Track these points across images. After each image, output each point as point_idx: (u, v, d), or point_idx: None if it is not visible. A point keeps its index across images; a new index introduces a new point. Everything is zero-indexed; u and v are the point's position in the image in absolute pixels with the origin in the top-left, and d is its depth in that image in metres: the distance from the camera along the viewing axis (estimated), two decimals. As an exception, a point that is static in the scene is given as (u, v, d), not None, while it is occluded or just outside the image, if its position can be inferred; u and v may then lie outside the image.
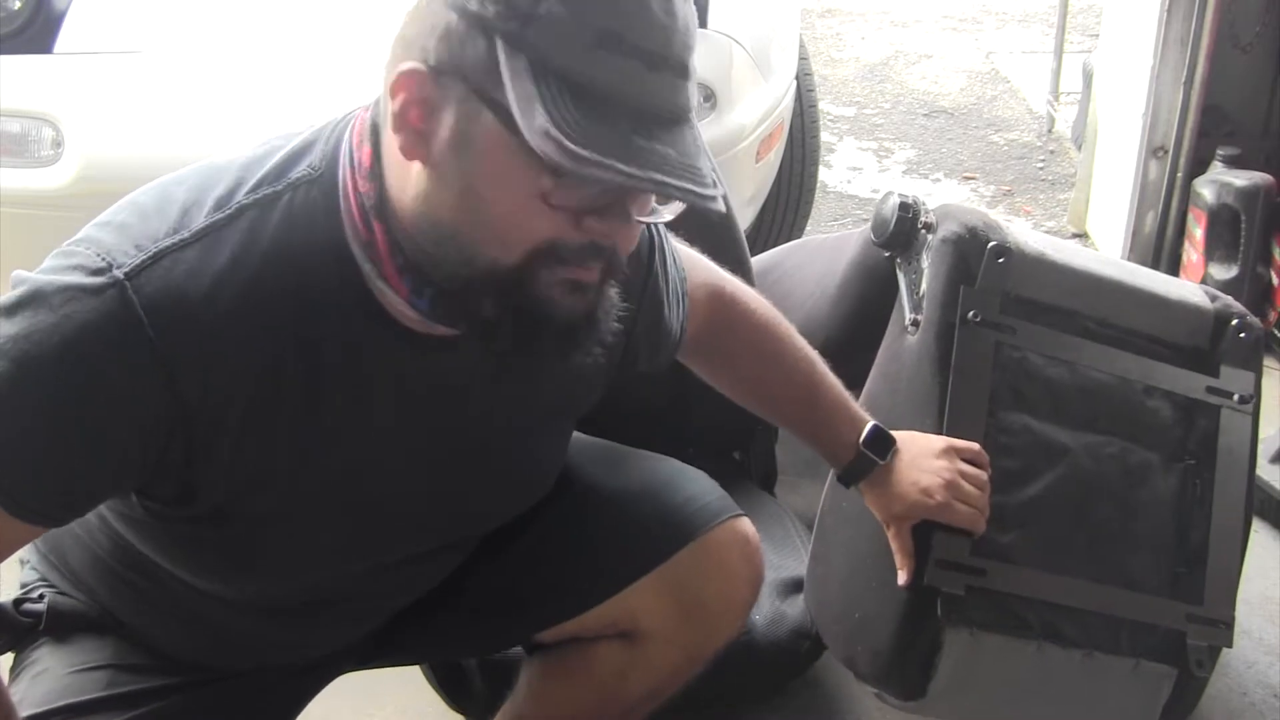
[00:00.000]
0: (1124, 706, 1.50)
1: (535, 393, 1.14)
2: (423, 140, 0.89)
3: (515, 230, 0.90)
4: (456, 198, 0.90)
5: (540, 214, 0.89)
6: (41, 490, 0.94)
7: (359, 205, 0.95)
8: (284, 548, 1.06)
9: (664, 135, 0.88)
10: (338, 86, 2.28)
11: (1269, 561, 2.09)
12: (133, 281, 0.90)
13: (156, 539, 1.07)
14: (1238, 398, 1.57)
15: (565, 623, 1.29)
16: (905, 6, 5.84)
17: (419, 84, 0.88)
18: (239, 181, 0.97)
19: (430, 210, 0.91)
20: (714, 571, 1.27)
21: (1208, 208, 2.66)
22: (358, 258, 0.96)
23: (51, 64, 2.30)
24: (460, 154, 0.88)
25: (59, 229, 0.97)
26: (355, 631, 1.26)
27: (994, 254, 1.45)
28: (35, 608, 1.18)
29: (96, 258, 0.91)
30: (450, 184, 0.90)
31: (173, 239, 0.93)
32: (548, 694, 1.35)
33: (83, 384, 0.90)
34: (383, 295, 0.97)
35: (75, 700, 1.12)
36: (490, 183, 0.89)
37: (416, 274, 0.94)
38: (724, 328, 1.32)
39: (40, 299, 0.90)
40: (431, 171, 0.90)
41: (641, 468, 1.33)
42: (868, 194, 3.82)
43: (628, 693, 1.32)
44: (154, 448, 0.94)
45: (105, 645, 1.17)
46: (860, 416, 1.34)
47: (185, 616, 1.16)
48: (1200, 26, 2.62)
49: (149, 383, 0.91)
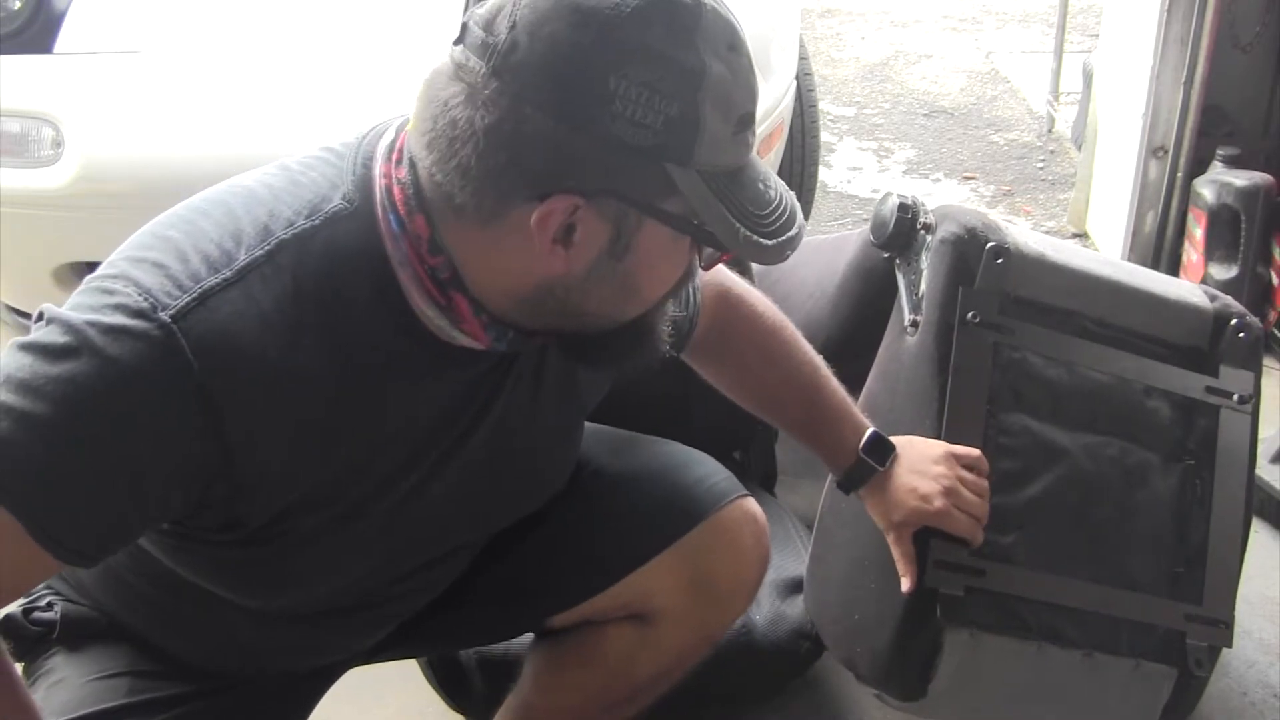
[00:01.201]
0: (1124, 707, 1.50)
1: (570, 398, 1.17)
2: (576, 252, 0.93)
3: (660, 293, 1.01)
4: (613, 291, 0.97)
5: (681, 270, 1.01)
6: (82, 531, 0.92)
7: (430, 277, 0.96)
8: (318, 564, 1.06)
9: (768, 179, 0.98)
10: (337, 86, 2.29)
11: (1269, 561, 2.09)
12: (179, 324, 0.88)
13: (184, 558, 1.06)
14: (1237, 398, 1.57)
15: (581, 604, 1.30)
16: (905, 6, 5.84)
17: (571, 210, 0.91)
18: (271, 214, 0.95)
19: (568, 299, 0.97)
20: (726, 550, 1.29)
21: (1208, 208, 2.66)
22: (414, 301, 0.97)
23: (51, 64, 2.30)
24: (619, 258, 0.95)
25: (59, 229, 0.97)
26: (374, 635, 1.26)
27: (993, 255, 1.45)
28: (46, 616, 1.17)
29: (139, 298, 0.89)
30: (606, 281, 0.96)
31: (215, 279, 0.91)
32: (556, 680, 1.35)
33: (128, 427, 0.88)
34: (448, 335, 0.99)
35: (100, 708, 1.11)
36: (650, 274, 0.98)
37: (501, 326, 1.00)
38: (730, 328, 1.32)
39: (82, 339, 0.87)
40: (579, 274, 0.95)
41: (650, 451, 1.35)
42: (868, 194, 3.82)
43: (637, 675, 1.33)
44: (197, 488, 0.93)
45: (120, 653, 1.17)
46: (861, 422, 1.35)
47: (201, 626, 1.16)
48: (1200, 26, 2.61)
49: (196, 426, 0.90)
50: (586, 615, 1.31)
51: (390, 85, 2.03)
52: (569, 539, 1.29)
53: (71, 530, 0.91)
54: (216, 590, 1.08)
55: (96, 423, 0.88)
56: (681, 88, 0.88)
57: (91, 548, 0.93)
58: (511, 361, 1.07)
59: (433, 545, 1.16)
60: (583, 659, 1.33)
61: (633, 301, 1.00)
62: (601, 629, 1.32)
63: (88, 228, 2.13)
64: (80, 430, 0.88)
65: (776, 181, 0.99)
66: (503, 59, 0.87)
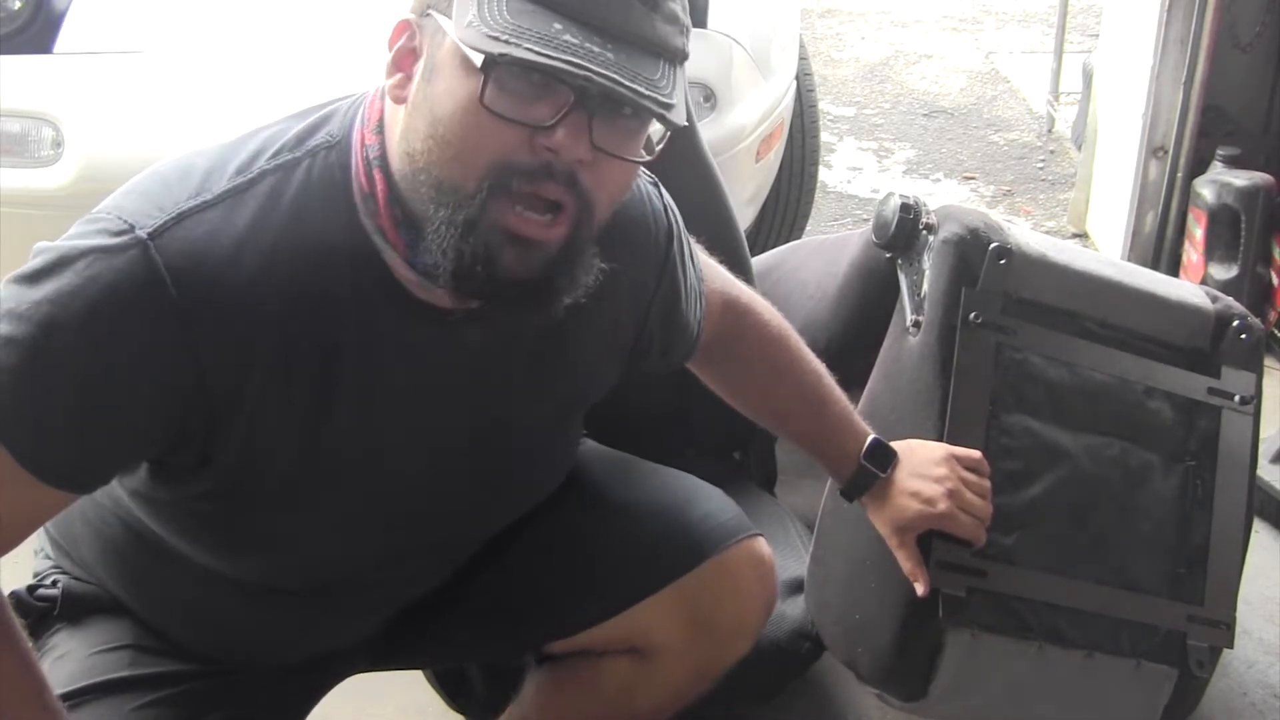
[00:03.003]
0: (1125, 707, 1.50)
1: (547, 378, 1.14)
2: (407, 82, 0.95)
3: (468, 147, 0.91)
4: (426, 124, 0.93)
5: (488, 127, 0.91)
6: (68, 453, 0.94)
7: (364, 159, 0.98)
8: (293, 524, 1.07)
9: (611, 44, 0.89)
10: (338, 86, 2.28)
11: (1269, 561, 2.09)
12: (156, 241, 0.92)
13: (169, 516, 1.07)
14: (1238, 399, 1.57)
15: (578, 634, 1.29)
16: (905, 6, 5.84)
17: (406, 31, 0.94)
18: (260, 150, 0.99)
19: (409, 146, 0.95)
20: (728, 591, 1.27)
21: (1208, 208, 2.66)
22: (363, 217, 0.98)
23: (51, 64, 2.30)
24: (428, 81, 0.93)
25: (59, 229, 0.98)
26: (362, 626, 1.26)
27: (995, 255, 1.45)
28: (50, 593, 1.19)
29: (119, 221, 0.93)
30: (422, 113, 0.93)
31: (194, 201, 0.95)
32: (553, 704, 1.35)
33: (107, 343, 0.91)
34: (389, 260, 0.99)
35: (102, 679, 1.12)
36: (444, 99, 0.92)
37: (411, 228, 0.96)
38: (737, 337, 1.32)
39: (63, 263, 0.91)
40: (409, 108, 0.94)
41: (659, 482, 1.33)
42: (868, 194, 3.82)
43: (633, 708, 1.32)
44: (176, 409, 0.95)
45: (123, 626, 1.18)
46: (863, 430, 1.34)
47: (194, 604, 1.16)
48: (1200, 26, 2.62)
49: (171, 341, 0.92)
50: (584, 645, 1.30)
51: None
52: (570, 566, 1.28)
53: (57, 452, 0.93)
54: (193, 554, 1.09)
55: (75, 339, 0.90)
56: None
57: (78, 471, 0.96)
58: (482, 340, 1.05)
59: (408, 528, 1.14)
60: (580, 687, 1.33)
61: (443, 141, 0.92)
62: (599, 660, 1.31)
63: (88, 228, 2.13)
64: (59, 348, 0.90)
65: (645, 70, 0.91)
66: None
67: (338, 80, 2.27)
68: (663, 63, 0.93)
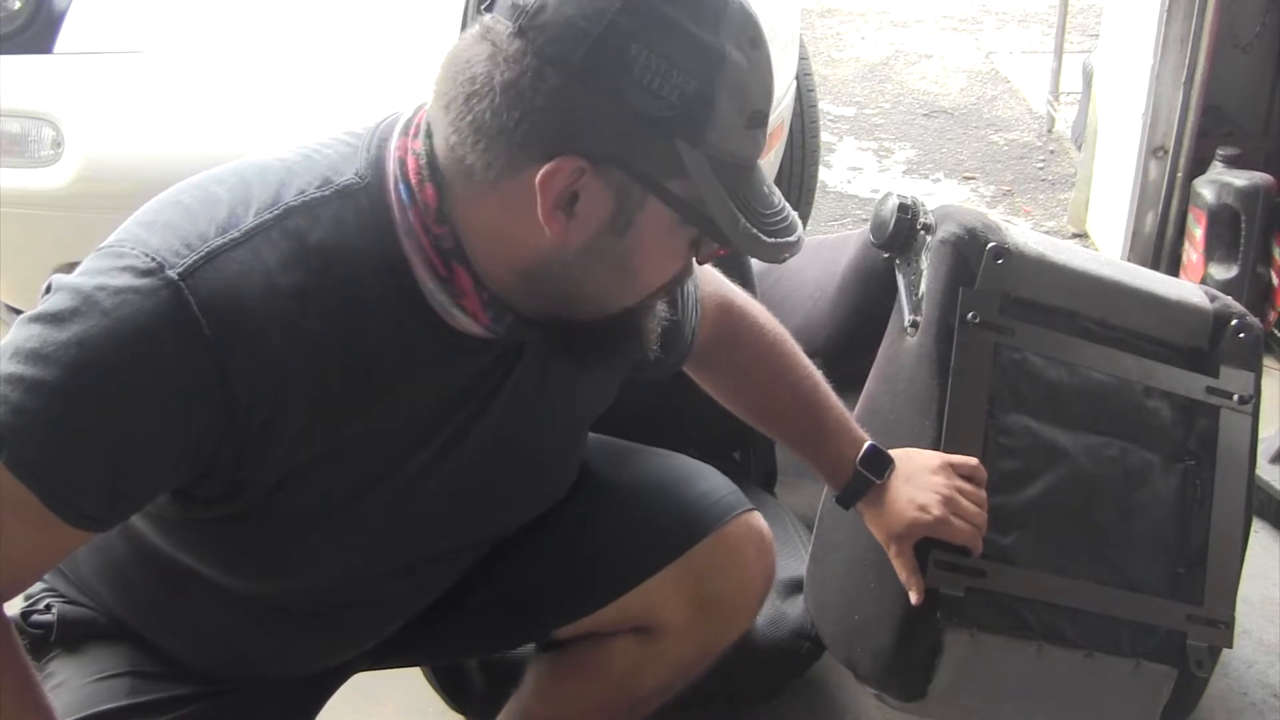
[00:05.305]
0: (1124, 707, 1.50)
1: (572, 398, 1.16)
2: (577, 223, 0.92)
3: (655, 283, 1.00)
4: (610, 271, 0.96)
5: (679, 263, 1.00)
6: (98, 496, 0.91)
7: (433, 246, 0.96)
8: (316, 545, 1.06)
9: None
10: (338, 86, 2.28)
11: (1269, 561, 2.09)
12: (187, 282, 0.89)
13: (185, 537, 1.06)
14: (1237, 398, 1.57)
15: (586, 617, 1.30)
16: (905, 6, 5.84)
17: (576, 174, 0.90)
18: (283, 183, 0.96)
19: (565, 275, 0.96)
20: (731, 565, 1.29)
21: (1208, 208, 2.66)
22: (419, 273, 0.97)
23: (51, 64, 2.30)
24: (620, 234, 0.94)
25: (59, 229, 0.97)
26: (373, 637, 1.26)
27: (993, 255, 1.45)
28: (44, 619, 1.16)
29: (146, 258, 0.89)
30: (605, 259, 0.95)
31: (222, 239, 0.91)
32: (558, 690, 1.35)
33: (137, 387, 0.88)
34: (447, 313, 0.99)
35: (101, 709, 1.10)
36: (649, 258, 0.97)
37: (500, 306, 0.99)
38: (732, 340, 1.32)
39: (90, 303, 0.87)
40: (578, 247, 0.94)
41: (656, 463, 1.35)
42: (868, 194, 3.82)
43: (639, 688, 1.33)
44: (207, 448, 0.93)
45: (120, 653, 1.16)
46: (859, 436, 1.34)
47: (201, 624, 1.15)
48: (1200, 26, 2.62)
49: (205, 383, 0.90)
50: (590, 628, 1.31)
51: (393, 85, 2.03)
52: (574, 552, 1.29)
53: (86, 496, 0.91)
54: (210, 572, 1.08)
55: (107, 384, 0.87)
56: (700, 67, 0.88)
57: (106, 511, 0.93)
58: (513, 363, 1.07)
59: (426, 543, 1.15)
60: (586, 671, 1.33)
61: (628, 287, 0.99)
62: (605, 642, 1.32)
63: (88, 228, 2.11)
64: (91, 393, 0.87)
65: (779, 193, 1.00)
66: (530, 18, 0.88)
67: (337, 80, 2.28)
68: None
